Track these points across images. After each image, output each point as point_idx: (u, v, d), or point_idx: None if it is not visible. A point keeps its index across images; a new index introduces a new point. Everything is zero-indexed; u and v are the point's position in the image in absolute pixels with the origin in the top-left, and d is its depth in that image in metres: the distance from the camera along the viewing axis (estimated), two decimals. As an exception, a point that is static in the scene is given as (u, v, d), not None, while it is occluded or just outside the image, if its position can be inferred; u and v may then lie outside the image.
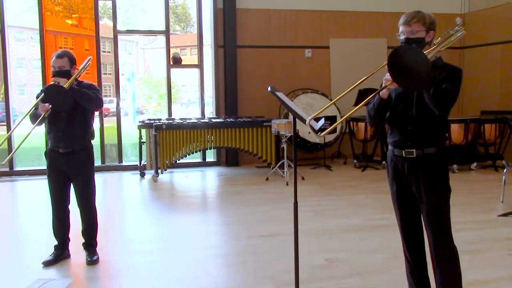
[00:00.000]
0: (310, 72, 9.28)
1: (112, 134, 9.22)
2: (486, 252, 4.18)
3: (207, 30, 9.26)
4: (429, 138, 2.68)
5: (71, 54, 3.98)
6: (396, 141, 2.77)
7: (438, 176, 2.68)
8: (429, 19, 2.65)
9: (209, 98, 9.42)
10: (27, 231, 5.24)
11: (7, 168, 8.30)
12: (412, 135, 2.69)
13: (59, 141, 3.96)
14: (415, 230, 2.85)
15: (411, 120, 2.69)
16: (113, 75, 8.91)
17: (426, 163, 2.68)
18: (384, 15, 9.51)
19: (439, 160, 2.69)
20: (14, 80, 9.49)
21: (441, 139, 2.72)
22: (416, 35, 2.62)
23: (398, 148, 2.76)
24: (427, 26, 2.64)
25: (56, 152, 4.00)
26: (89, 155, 4.11)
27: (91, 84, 4.04)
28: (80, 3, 20.62)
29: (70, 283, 3.66)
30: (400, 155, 2.75)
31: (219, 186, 7.60)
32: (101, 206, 5.94)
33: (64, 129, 3.94)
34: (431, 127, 2.67)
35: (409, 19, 2.63)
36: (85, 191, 4.08)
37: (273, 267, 3.91)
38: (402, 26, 2.66)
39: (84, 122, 4.03)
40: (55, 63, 3.87)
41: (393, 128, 2.80)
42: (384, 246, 4.37)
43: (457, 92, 2.58)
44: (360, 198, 6.30)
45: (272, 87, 3.12)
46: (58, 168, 4.02)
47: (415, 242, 2.86)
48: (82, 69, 3.97)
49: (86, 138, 4.07)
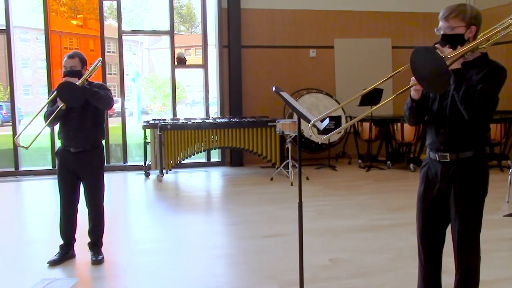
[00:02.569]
0: (315, 72, 9.28)
1: (117, 134, 9.25)
2: (491, 252, 4.15)
3: (212, 30, 9.27)
4: (465, 141, 2.49)
5: (82, 55, 4.04)
6: (431, 143, 2.63)
7: (473, 183, 2.51)
8: (471, 14, 2.43)
9: (213, 98, 9.43)
10: (32, 231, 5.26)
11: (13, 168, 8.34)
12: (445, 137, 2.53)
13: (70, 141, 4.00)
14: (435, 236, 2.69)
15: (445, 122, 2.53)
16: (118, 75, 8.93)
17: (461, 169, 2.50)
18: (389, 15, 9.51)
19: (476, 166, 2.50)
20: (19, 80, 9.53)
21: (478, 143, 2.51)
22: (454, 31, 2.43)
23: (433, 151, 2.61)
24: (467, 21, 2.42)
25: (67, 152, 4.04)
26: (100, 155, 4.15)
27: (101, 84, 4.11)
28: (85, 3, 20.68)
29: (75, 283, 3.68)
30: (434, 158, 2.59)
31: (224, 186, 7.61)
32: (106, 206, 5.95)
33: (76, 129, 3.98)
34: (467, 130, 2.48)
35: (447, 13, 2.44)
36: (95, 191, 4.11)
37: (276, 267, 3.92)
38: (441, 21, 2.47)
39: (95, 122, 4.06)
40: (67, 63, 3.94)
41: (429, 130, 2.65)
42: (388, 246, 4.36)
43: (492, 94, 2.40)
44: (364, 198, 6.29)
45: (277, 87, 3.12)
46: (68, 167, 4.06)
47: (433, 248, 2.71)
48: (93, 69, 4.02)
49: (97, 138, 4.11)
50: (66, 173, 4.07)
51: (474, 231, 2.55)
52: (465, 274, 2.59)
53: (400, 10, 9.47)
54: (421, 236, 2.73)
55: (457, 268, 2.62)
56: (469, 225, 2.54)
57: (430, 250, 2.72)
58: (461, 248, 2.57)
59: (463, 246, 2.56)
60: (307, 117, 2.99)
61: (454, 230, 2.59)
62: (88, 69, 4.01)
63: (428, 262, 2.74)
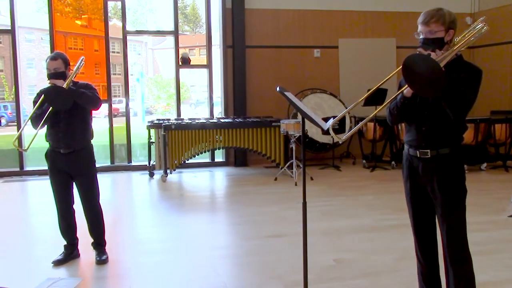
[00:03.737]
0: (319, 72, 9.27)
1: (121, 134, 9.25)
2: (496, 253, 4.15)
3: (216, 30, 9.28)
4: (444, 138, 2.62)
5: (65, 55, 3.99)
6: (411, 140, 2.72)
7: (452, 177, 2.63)
8: (449, 18, 2.55)
9: (217, 98, 9.43)
10: (37, 230, 5.28)
11: (18, 168, 8.36)
12: (426, 135, 2.64)
13: (60, 142, 3.98)
14: (428, 230, 2.80)
15: (426, 120, 2.64)
16: (122, 76, 8.95)
17: (441, 164, 2.62)
18: (393, 15, 9.48)
19: (454, 161, 2.63)
20: (24, 80, 9.55)
21: (456, 140, 2.65)
22: (434, 35, 2.53)
23: (413, 148, 2.71)
24: (446, 25, 2.53)
25: (57, 153, 4.03)
26: (90, 154, 4.13)
27: (87, 84, 4.05)
28: (90, 4, 20.74)
29: (80, 282, 3.68)
30: (415, 155, 2.70)
31: (228, 186, 7.61)
32: (110, 206, 5.97)
33: (64, 130, 3.96)
34: (447, 128, 2.61)
35: (428, 18, 2.53)
36: (88, 191, 4.10)
37: (281, 267, 3.91)
38: (421, 25, 2.56)
39: (83, 123, 4.05)
40: (50, 66, 3.89)
41: (409, 128, 2.74)
42: (393, 246, 4.35)
43: (473, 95, 2.51)
44: (369, 198, 6.28)
45: (281, 87, 3.11)
46: (59, 168, 4.04)
47: (428, 243, 2.82)
48: (77, 69, 3.98)
49: (86, 138, 4.10)
50: (58, 174, 4.06)
51: (460, 225, 2.65)
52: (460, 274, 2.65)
53: (405, 10, 9.43)
54: (415, 232, 2.86)
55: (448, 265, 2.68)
56: (454, 220, 2.64)
57: (425, 245, 2.83)
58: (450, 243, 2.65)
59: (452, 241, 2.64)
60: (311, 117, 2.99)
61: (441, 226, 2.68)
62: (72, 69, 3.98)
63: (425, 258, 2.84)
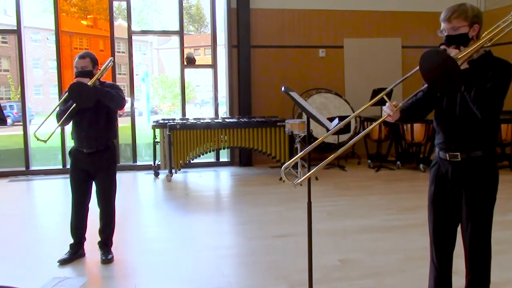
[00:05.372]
0: (324, 72, 9.25)
1: (126, 134, 9.27)
2: (502, 254, 4.12)
3: (221, 30, 9.28)
4: (475, 140, 2.50)
5: (93, 55, 4.06)
6: (440, 143, 2.62)
7: (483, 183, 2.51)
8: (472, 12, 2.43)
9: (222, 98, 9.44)
10: (43, 229, 5.30)
11: (23, 168, 8.40)
12: (455, 137, 2.53)
13: (83, 141, 4.03)
14: (447, 236, 2.68)
15: (454, 121, 2.53)
16: (127, 75, 8.97)
17: (472, 168, 2.51)
18: (399, 14, 9.45)
19: (486, 165, 2.51)
20: (30, 80, 9.58)
21: (488, 142, 2.52)
22: (458, 32, 2.42)
23: (443, 151, 2.60)
24: (469, 20, 2.41)
25: (80, 152, 4.07)
26: (112, 155, 4.17)
27: (113, 84, 4.12)
28: (95, 4, 20.81)
29: (85, 281, 3.70)
30: (445, 158, 2.59)
31: (233, 186, 7.61)
32: (116, 206, 5.98)
33: (87, 129, 4.00)
34: (477, 129, 2.48)
35: (449, 14, 2.43)
36: (107, 191, 4.14)
37: (286, 267, 3.91)
38: (443, 22, 2.46)
39: (107, 123, 4.08)
40: (78, 64, 3.95)
41: (438, 130, 2.64)
42: (398, 247, 4.34)
43: (502, 91, 2.36)
44: (374, 198, 6.27)
45: (286, 87, 3.11)
46: (81, 167, 4.09)
47: (445, 248, 2.70)
48: (104, 69, 4.03)
49: (109, 138, 4.13)
50: (78, 173, 4.10)
51: (485, 232, 2.55)
52: (477, 276, 2.59)
53: (410, 9, 9.41)
54: (433, 236, 2.73)
55: (469, 269, 2.62)
56: (481, 226, 2.54)
57: (442, 250, 2.71)
58: (473, 250, 2.56)
59: (475, 248, 2.56)
60: (316, 117, 3.00)
61: (465, 232, 2.58)
62: (100, 69, 4.03)
63: (440, 262, 2.73)
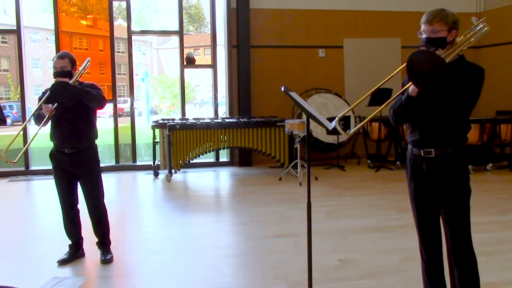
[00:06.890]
0: (324, 72, 9.25)
1: (126, 134, 9.27)
2: (501, 254, 4.13)
3: (221, 30, 9.28)
4: (449, 138, 2.63)
5: (72, 55, 4.03)
6: (415, 140, 2.73)
7: (457, 177, 2.64)
8: (452, 18, 2.57)
9: (222, 98, 9.44)
10: (43, 230, 5.30)
11: (23, 168, 8.39)
12: (431, 134, 2.65)
13: (64, 142, 4.00)
14: (432, 230, 2.80)
15: (430, 120, 2.65)
16: (127, 75, 8.97)
17: (445, 163, 2.63)
18: (398, 15, 9.45)
19: (458, 161, 2.64)
20: (30, 80, 9.58)
21: (460, 140, 2.66)
22: (437, 35, 2.55)
23: (417, 148, 2.72)
24: (449, 26, 2.55)
25: (61, 153, 4.05)
26: (94, 154, 4.15)
27: (92, 84, 4.07)
28: (95, 4, 20.77)
29: (85, 281, 3.70)
30: (419, 154, 2.71)
31: (232, 186, 7.61)
32: (115, 206, 5.98)
33: (69, 130, 3.98)
34: (451, 127, 2.62)
35: (431, 18, 2.56)
36: (93, 190, 4.11)
37: (286, 267, 3.91)
38: (424, 24, 2.59)
39: (88, 122, 4.07)
40: (57, 64, 3.92)
41: (413, 127, 2.76)
42: (398, 247, 4.34)
43: (476, 94, 2.54)
44: (374, 198, 6.27)
45: (286, 87, 3.11)
46: (64, 168, 4.06)
47: (432, 242, 2.82)
48: (83, 69, 4.00)
49: (91, 138, 4.12)
50: (62, 174, 4.08)
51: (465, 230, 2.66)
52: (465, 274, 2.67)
53: (410, 9, 9.39)
54: (419, 231, 2.86)
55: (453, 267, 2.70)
56: (460, 225, 2.65)
57: (429, 244, 2.83)
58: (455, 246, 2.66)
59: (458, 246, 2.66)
60: (315, 116, 3.00)
61: (446, 233, 2.70)
62: (78, 70, 4.00)
63: (429, 256, 2.84)
